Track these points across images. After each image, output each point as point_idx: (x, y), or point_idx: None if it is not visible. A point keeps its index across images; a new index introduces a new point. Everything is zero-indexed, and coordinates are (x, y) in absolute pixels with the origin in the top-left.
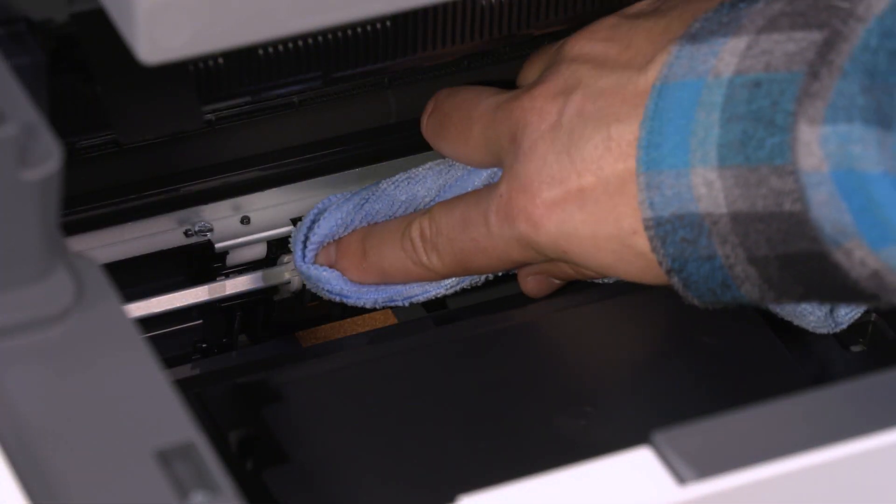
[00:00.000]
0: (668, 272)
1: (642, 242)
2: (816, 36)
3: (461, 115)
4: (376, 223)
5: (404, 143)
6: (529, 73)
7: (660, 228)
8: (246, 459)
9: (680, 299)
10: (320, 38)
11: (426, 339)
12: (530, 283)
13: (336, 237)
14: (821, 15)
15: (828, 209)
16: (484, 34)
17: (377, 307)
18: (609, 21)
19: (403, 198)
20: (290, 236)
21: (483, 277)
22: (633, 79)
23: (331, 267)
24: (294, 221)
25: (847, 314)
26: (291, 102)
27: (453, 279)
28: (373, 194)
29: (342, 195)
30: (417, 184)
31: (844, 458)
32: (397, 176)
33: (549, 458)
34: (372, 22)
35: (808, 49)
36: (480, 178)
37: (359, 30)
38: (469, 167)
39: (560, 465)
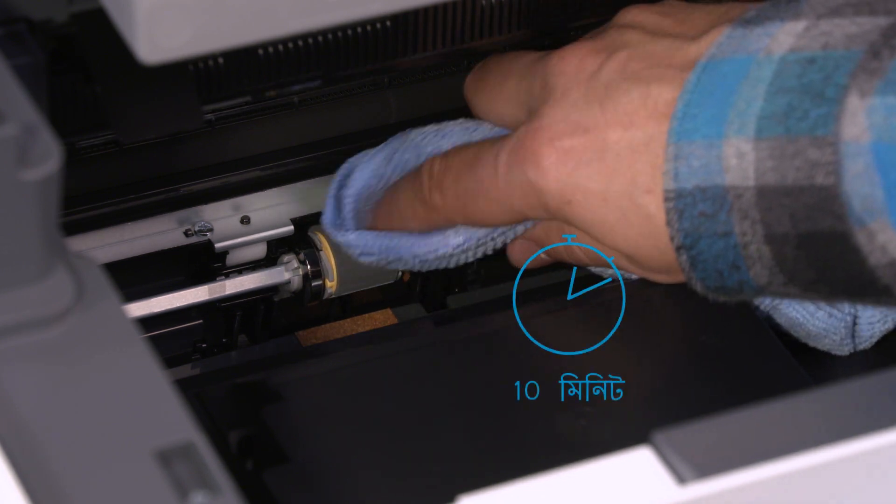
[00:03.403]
0: (679, 249)
1: (654, 204)
2: (882, 21)
3: (500, 69)
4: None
5: None
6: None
7: (679, 201)
8: (246, 459)
9: (681, 299)
10: (320, 38)
11: (426, 339)
12: (516, 248)
13: (370, 189)
14: (889, 3)
15: (860, 182)
16: (484, 34)
17: (388, 261)
18: (668, 0)
19: (429, 150)
20: (289, 236)
21: (490, 245)
22: (683, 47)
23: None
24: (294, 221)
25: (868, 332)
26: (291, 102)
27: (460, 238)
28: (402, 144)
29: (367, 152)
30: (444, 138)
31: (844, 457)
32: (427, 127)
33: (549, 458)
34: (372, 22)
35: (871, 32)
36: None
37: (359, 30)
38: (496, 128)
39: (560, 465)
